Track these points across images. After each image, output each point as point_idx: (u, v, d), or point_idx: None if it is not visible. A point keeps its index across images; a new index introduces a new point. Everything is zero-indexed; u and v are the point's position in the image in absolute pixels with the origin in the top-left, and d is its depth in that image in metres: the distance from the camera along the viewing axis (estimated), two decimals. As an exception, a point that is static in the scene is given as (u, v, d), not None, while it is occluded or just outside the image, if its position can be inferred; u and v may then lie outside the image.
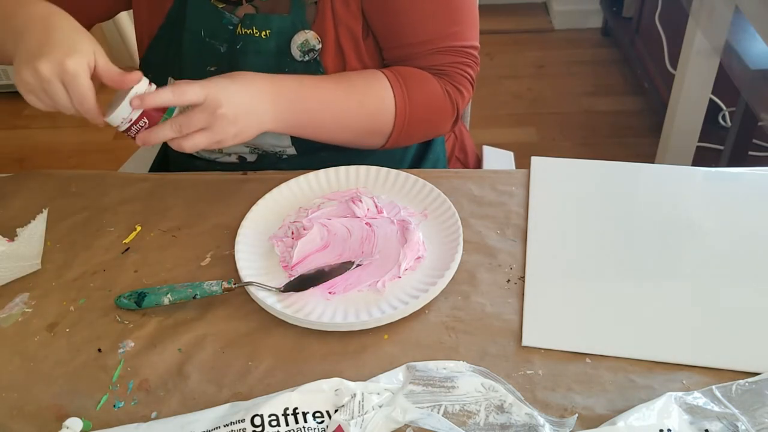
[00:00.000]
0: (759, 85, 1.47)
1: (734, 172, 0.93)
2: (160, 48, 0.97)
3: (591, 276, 0.78)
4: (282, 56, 0.91)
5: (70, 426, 0.64)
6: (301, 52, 0.90)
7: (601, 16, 2.79)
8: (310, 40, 0.90)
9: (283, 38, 0.91)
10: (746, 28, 1.50)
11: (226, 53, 0.93)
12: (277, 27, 0.90)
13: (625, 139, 2.29)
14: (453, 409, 0.64)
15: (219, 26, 0.93)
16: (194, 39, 0.94)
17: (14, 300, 0.79)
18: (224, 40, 0.93)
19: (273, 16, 0.90)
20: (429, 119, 0.95)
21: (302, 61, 0.91)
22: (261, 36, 0.91)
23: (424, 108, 0.92)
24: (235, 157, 1.02)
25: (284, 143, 0.97)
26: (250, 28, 0.91)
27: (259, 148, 0.99)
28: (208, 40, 0.93)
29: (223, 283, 0.75)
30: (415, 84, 0.92)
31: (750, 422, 0.62)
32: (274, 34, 0.91)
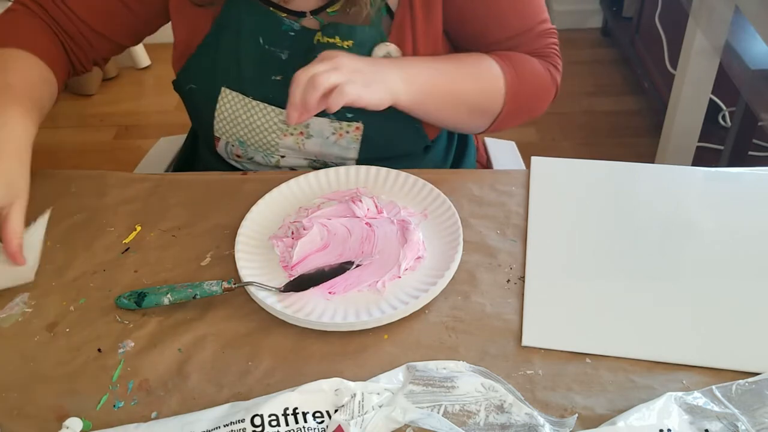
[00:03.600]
0: (759, 85, 1.47)
1: (734, 172, 0.93)
2: (207, 56, 0.94)
3: (591, 276, 0.78)
4: None
5: (70, 426, 0.65)
6: None
7: (601, 16, 2.79)
8: (393, 53, 0.90)
9: (365, 50, 0.90)
10: (746, 28, 1.50)
11: (289, 60, 0.91)
12: (360, 38, 0.89)
13: (625, 139, 2.29)
14: (453, 409, 0.64)
15: (279, 33, 0.91)
16: (252, 46, 0.92)
17: (14, 300, 0.79)
18: (285, 47, 0.92)
19: (357, 27, 0.89)
20: (536, 97, 0.97)
21: None
22: (344, 46, 0.89)
23: (532, 86, 0.94)
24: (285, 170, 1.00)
25: (350, 155, 0.96)
26: (333, 37, 0.89)
27: (320, 160, 0.97)
28: (268, 47, 0.92)
29: (223, 283, 0.75)
30: (521, 63, 0.94)
31: (750, 422, 0.62)
32: (356, 45, 0.89)
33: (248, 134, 0.96)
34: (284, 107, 0.86)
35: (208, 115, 0.98)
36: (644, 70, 2.32)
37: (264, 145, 0.96)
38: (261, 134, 0.96)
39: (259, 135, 0.96)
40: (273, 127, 0.95)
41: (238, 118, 0.95)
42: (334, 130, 0.93)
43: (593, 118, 2.39)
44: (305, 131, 0.94)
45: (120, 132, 2.44)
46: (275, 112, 0.94)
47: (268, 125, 0.95)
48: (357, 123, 0.93)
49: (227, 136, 0.98)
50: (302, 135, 0.94)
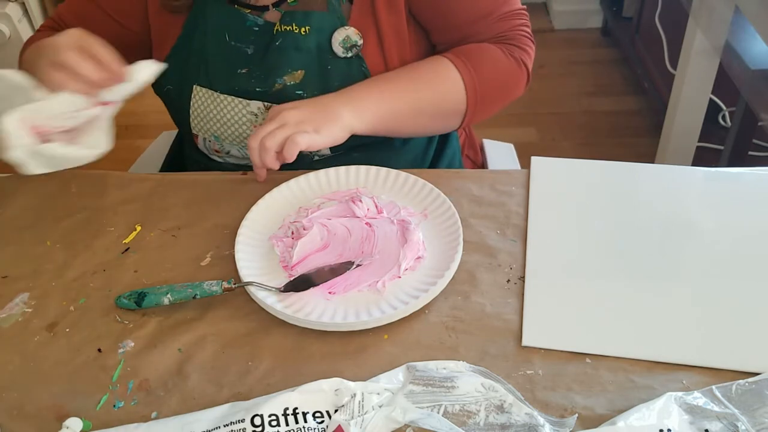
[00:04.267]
0: (759, 85, 1.47)
1: (734, 172, 0.93)
2: (179, 57, 0.97)
3: (591, 276, 0.78)
4: (323, 53, 0.92)
5: (70, 426, 0.65)
6: (343, 48, 0.91)
7: (601, 16, 2.79)
8: (352, 36, 0.91)
9: (324, 35, 0.91)
10: (746, 28, 1.50)
11: (255, 55, 0.94)
12: (317, 23, 0.91)
13: (625, 139, 2.29)
14: (453, 409, 0.64)
15: (243, 28, 0.93)
16: (218, 43, 0.94)
17: (14, 300, 0.79)
18: (251, 42, 0.94)
19: (312, 13, 0.91)
20: (501, 87, 0.97)
21: (345, 57, 0.92)
22: (300, 32, 0.91)
23: (493, 77, 0.94)
24: None
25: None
26: (289, 25, 0.91)
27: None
28: (234, 43, 0.94)
29: (223, 283, 0.75)
30: (477, 57, 0.93)
31: (750, 422, 0.62)
32: (314, 31, 0.91)
33: (221, 129, 0.98)
34: (250, 99, 0.94)
35: (185, 114, 1.00)
36: (644, 70, 2.32)
37: (237, 138, 0.98)
38: (233, 127, 0.97)
39: (231, 128, 0.98)
40: (243, 119, 0.96)
41: (210, 113, 0.98)
42: None
43: (593, 118, 2.39)
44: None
45: (120, 132, 2.43)
46: (242, 104, 0.95)
47: (237, 118, 0.96)
48: None
49: (203, 132, 1.01)
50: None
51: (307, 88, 0.93)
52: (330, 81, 0.93)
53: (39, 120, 0.78)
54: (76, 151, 0.80)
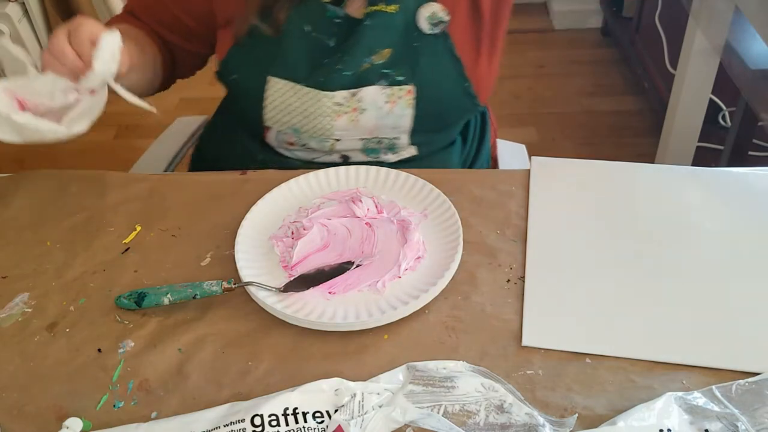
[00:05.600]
0: (759, 85, 1.47)
1: (734, 172, 0.93)
2: (250, 46, 0.95)
3: (591, 276, 0.78)
4: (410, 30, 0.92)
5: (70, 426, 0.65)
6: (430, 24, 0.91)
7: (601, 16, 2.79)
8: (438, 12, 0.91)
9: (410, 12, 0.91)
10: (746, 28, 1.50)
11: (337, 47, 0.93)
12: (405, 1, 0.91)
13: (625, 139, 2.29)
14: (453, 409, 0.64)
15: (324, 20, 0.93)
16: (299, 35, 0.93)
17: (14, 300, 0.79)
18: (332, 34, 0.93)
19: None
20: None
21: (431, 33, 0.92)
22: (389, 11, 0.91)
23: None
24: (337, 156, 1.01)
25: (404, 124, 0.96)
26: (377, 5, 0.91)
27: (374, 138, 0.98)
28: (315, 35, 0.93)
29: (223, 283, 0.75)
30: None
31: (750, 422, 0.62)
32: (402, 9, 0.91)
33: (302, 121, 0.96)
34: (335, 88, 0.93)
35: (255, 105, 0.98)
36: (644, 70, 2.32)
37: (318, 130, 0.97)
38: (314, 120, 0.96)
39: (313, 121, 0.96)
40: (326, 111, 0.95)
41: (290, 106, 0.96)
42: (386, 98, 0.94)
43: (593, 118, 2.39)
44: (358, 106, 0.94)
45: (120, 132, 2.44)
46: (327, 97, 0.94)
47: (321, 110, 0.95)
48: (408, 86, 0.94)
49: (279, 125, 0.98)
50: (355, 111, 0.95)
51: (394, 66, 0.93)
52: (416, 58, 0.93)
53: (23, 93, 0.82)
54: (48, 125, 0.81)
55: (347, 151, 1.00)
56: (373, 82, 0.93)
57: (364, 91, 0.93)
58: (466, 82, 0.96)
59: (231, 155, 1.07)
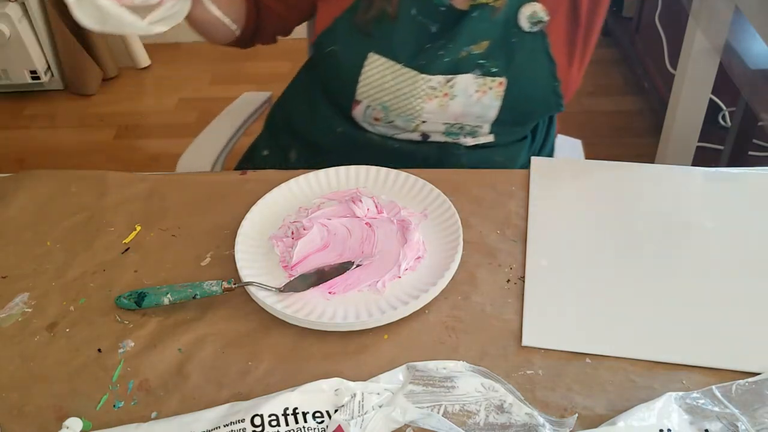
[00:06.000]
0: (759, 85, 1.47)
1: (734, 172, 0.93)
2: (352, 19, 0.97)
3: (591, 276, 0.78)
4: (509, 26, 0.94)
5: (70, 426, 0.64)
6: (530, 23, 0.93)
7: (601, 16, 2.78)
8: (538, 12, 0.93)
9: (513, 8, 0.93)
10: (746, 28, 1.50)
11: (439, 33, 0.95)
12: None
13: (625, 139, 2.29)
14: (453, 409, 0.64)
15: (431, 6, 0.94)
16: (405, 17, 0.95)
17: (14, 300, 0.79)
18: (436, 21, 0.95)
19: None
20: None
21: (529, 32, 0.94)
22: (496, 5, 0.93)
23: None
24: (417, 135, 1.03)
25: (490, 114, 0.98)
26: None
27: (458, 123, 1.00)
28: (420, 18, 0.95)
29: (223, 283, 0.75)
30: None
31: (750, 422, 0.62)
32: (507, 5, 0.93)
33: (393, 100, 0.98)
34: (433, 73, 0.95)
35: (350, 78, 0.99)
36: (644, 70, 2.32)
37: (407, 110, 0.98)
38: (406, 100, 0.97)
39: (404, 101, 0.97)
40: (419, 93, 0.96)
41: (386, 83, 0.97)
42: (477, 87, 0.96)
43: (593, 118, 2.39)
44: (449, 92, 0.96)
45: (120, 132, 2.44)
46: (424, 80, 0.95)
47: (414, 91, 0.96)
48: (501, 78, 0.95)
49: (370, 100, 1.00)
50: (446, 96, 0.96)
51: (490, 57, 0.95)
52: (512, 53, 0.95)
53: None
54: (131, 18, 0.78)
55: (430, 132, 1.02)
56: (468, 71, 0.95)
57: (458, 78, 0.96)
58: (556, 82, 0.98)
59: (309, 124, 1.09)
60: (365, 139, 1.04)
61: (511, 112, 0.98)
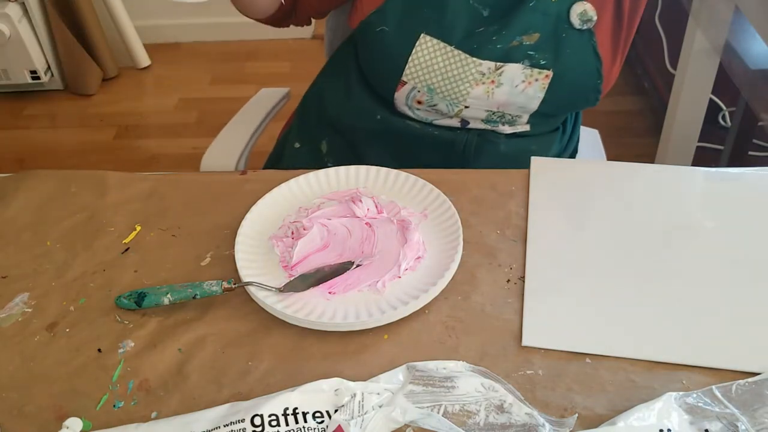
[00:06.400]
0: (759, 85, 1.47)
1: (734, 172, 0.93)
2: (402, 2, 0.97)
3: (591, 276, 0.78)
4: (561, 21, 0.95)
5: (70, 426, 0.65)
6: (580, 20, 0.94)
7: (601, 16, 2.78)
8: (588, 11, 0.94)
9: (565, 5, 0.94)
10: (746, 28, 1.50)
11: (490, 17, 0.96)
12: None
13: (625, 139, 2.29)
14: (453, 409, 0.64)
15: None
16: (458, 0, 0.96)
17: (14, 300, 0.79)
18: (488, 4, 0.96)
19: None
20: None
21: (579, 29, 0.95)
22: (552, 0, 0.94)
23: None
24: (457, 121, 1.03)
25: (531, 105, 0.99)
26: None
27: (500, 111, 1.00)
28: (472, 2, 0.96)
29: (223, 283, 0.75)
30: None
31: (750, 422, 0.62)
32: (561, 1, 0.94)
33: (440, 82, 0.98)
34: (483, 58, 0.95)
35: (398, 59, 0.99)
36: (644, 70, 2.32)
37: (453, 93, 0.98)
38: (454, 83, 0.98)
39: (451, 84, 0.98)
40: (468, 77, 0.97)
41: (435, 65, 0.97)
42: (524, 77, 0.96)
43: (593, 118, 2.39)
44: (497, 80, 0.97)
45: (120, 132, 2.44)
46: (474, 63, 0.96)
47: (463, 75, 0.97)
48: (548, 71, 0.96)
49: (416, 82, 0.99)
50: (493, 83, 0.97)
51: (540, 50, 0.95)
52: (561, 48, 0.95)
53: None
54: None
55: (470, 118, 1.02)
56: (518, 60, 0.96)
57: (507, 66, 0.96)
58: (599, 79, 0.99)
59: (345, 111, 1.09)
60: (404, 126, 1.04)
61: (552, 105, 0.99)
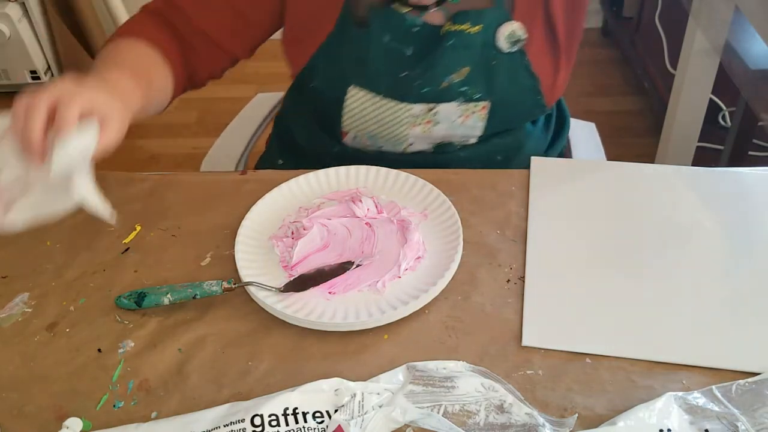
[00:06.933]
0: (759, 85, 1.47)
1: (734, 172, 0.93)
2: (332, 54, 0.95)
3: (591, 276, 0.78)
4: (488, 49, 0.92)
5: (70, 426, 0.65)
6: (509, 43, 0.91)
7: (601, 16, 2.79)
8: (517, 31, 0.91)
9: (490, 31, 0.91)
10: (746, 28, 1.50)
11: (414, 56, 0.93)
12: (488, 20, 0.91)
13: (625, 139, 2.29)
14: (453, 409, 0.64)
15: (403, 29, 0.92)
16: (377, 45, 0.93)
17: (14, 300, 0.79)
18: (410, 43, 0.93)
19: (485, 11, 0.91)
20: None
21: (509, 52, 0.92)
22: (473, 31, 0.91)
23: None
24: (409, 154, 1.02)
25: (475, 132, 0.98)
26: (463, 23, 0.91)
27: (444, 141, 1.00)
28: (393, 44, 0.93)
29: (223, 283, 0.75)
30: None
31: (750, 422, 0.62)
32: (484, 29, 0.91)
33: (378, 129, 0.98)
34: (412, 102, 0.94)
35: (334, 112, 0.99)
36: (644, 70, 2.32)
37: (393, 137, 0.98)
38: (391, 128, 0.97)
39: (389, 129, 0.97)
40: (403, 121, 0.96)
41: (368, 114, 0.97)
42: (461, 113, 0.95)
43: (593, 118, 2.38)
44: (432, 119, 0.96)
45: (120, 132, 2.43)
46: (405, 108, 0.95)
47: (397, 120, 0.96)
48: (483, 102, 0.95)
49: (356, 131, 1.00)
50: (429, 123, 0.96)
51: (472, 84, 0.94)
52: (494, 77, 0.94)
53: None
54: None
55: (418, 150, 1.01)
56: (451, 99, 0.94)
57: (441, 106, 0.95)
58: (539, 96, 0.97)
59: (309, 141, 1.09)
60: (363, 154, 1.03)
61: (496, 126, 0.98)
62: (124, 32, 0.93)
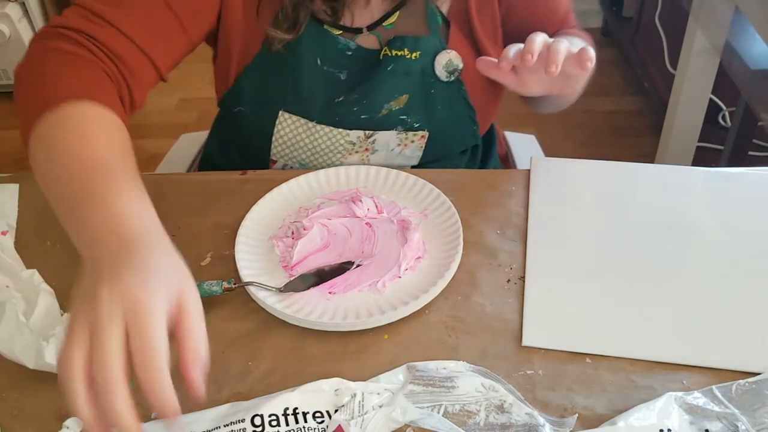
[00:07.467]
0: (759, 85, 1.47)
1: (734, 172, 0.93)
2: (257, 78, 0.91)
3: (591, 276, 0.78)
4: (426, 77, 0.91)
5: (70, 426, 0.64)
6: (447, 72, 0.90)
7: (601, 16, 2.79)
8: (453, 60, 0.90)
9: (428, 59, 0.90)
10: (746, 28, 1.50)
11: (348, 81, 0.91)
12: (425, 48, 0.89)
13: (625, 139, 2.29)
14: (453, 409, 0.64)
15: (335, 52, 0.90)
16: (310, 68, 0.89)
17: (14, 300, 0.79)
18: (344, 67, 0.90)
19: (422, 38, 0.89)
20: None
21: (447, 81, 0.91)
22: (412, 57, 0.89)
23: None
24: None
25: (411, 162, 0.98)
26: (401, 50, 0.89)
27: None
28: (326, 68, 0.90)
29: (223, 283, 0.75)
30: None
31: (750, 422, 0.62)
32: (422, 56, 0.89)
33: (310, 157, 0.95)
34: (349, 128, 0.90)
35: (262, 139, 0.95)
36: (644, 70, 2.32)
37: (328, 165, 0.95)
38: (325, 156, 0.95)
39: (323, 157, 0.95)
40: (338, 147, 0.94)
41: (300, 142, 0.94)
42: (399, 141, 0.94)
43: (593, 118, 2.39)
44: (370, 147, 0.94)
45: (120, 132, 2.44)
46: (342, 134, 0.93)
47: (333, 147, 0.94)
48: (422, 131, 0.94)
49: (286, 159, 0.97)
50: (367, 151, 0.95)
51: (411, 112, 0.92)
52: (432, 105, 0.92)
53: None
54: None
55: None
56: (390, 128, 0.93)
57: (379, 134, 0.93)
58: (475, 125, 0.97)
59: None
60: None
61: (432, 156, 0.97)
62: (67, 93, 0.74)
